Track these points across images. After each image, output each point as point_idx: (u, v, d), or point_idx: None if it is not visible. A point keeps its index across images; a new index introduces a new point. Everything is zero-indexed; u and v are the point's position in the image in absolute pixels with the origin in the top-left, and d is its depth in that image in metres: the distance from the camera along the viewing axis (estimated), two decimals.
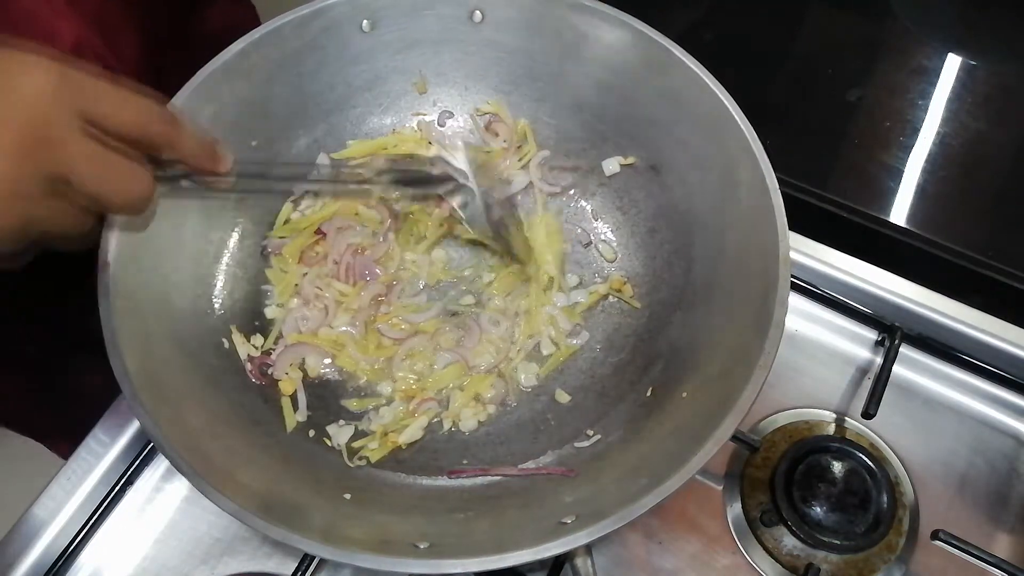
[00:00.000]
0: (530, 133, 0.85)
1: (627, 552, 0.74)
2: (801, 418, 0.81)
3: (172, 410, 0.59)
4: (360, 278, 0.79)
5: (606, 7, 0.74)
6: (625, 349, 0.77)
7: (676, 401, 0.67)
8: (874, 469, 0.74)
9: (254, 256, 0.79)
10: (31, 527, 0.73)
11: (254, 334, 0.75)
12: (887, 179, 0.95)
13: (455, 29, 0.80)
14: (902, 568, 0.74)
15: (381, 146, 0.85)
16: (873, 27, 1.11)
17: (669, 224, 0.78)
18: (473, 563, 0.53)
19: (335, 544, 0.53)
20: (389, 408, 0.74)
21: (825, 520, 0.73)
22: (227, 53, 0.71)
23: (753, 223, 0.66)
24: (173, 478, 0.76)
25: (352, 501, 0.65)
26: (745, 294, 0.66)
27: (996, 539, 0.76)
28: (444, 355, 0.76)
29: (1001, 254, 0.88)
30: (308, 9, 0.74)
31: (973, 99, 1.01)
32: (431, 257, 0.81)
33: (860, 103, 1.02)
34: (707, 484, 0.78)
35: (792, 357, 0.84)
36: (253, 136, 0.77)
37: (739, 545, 0.75)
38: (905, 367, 0.84)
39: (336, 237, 0.80)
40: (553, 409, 0.75)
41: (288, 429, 0.71)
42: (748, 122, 0.68)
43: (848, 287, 0.86)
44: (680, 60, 0.71)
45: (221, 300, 0.75)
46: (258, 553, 0.73)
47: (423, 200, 0.80)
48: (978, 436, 0.81)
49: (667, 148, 0.77)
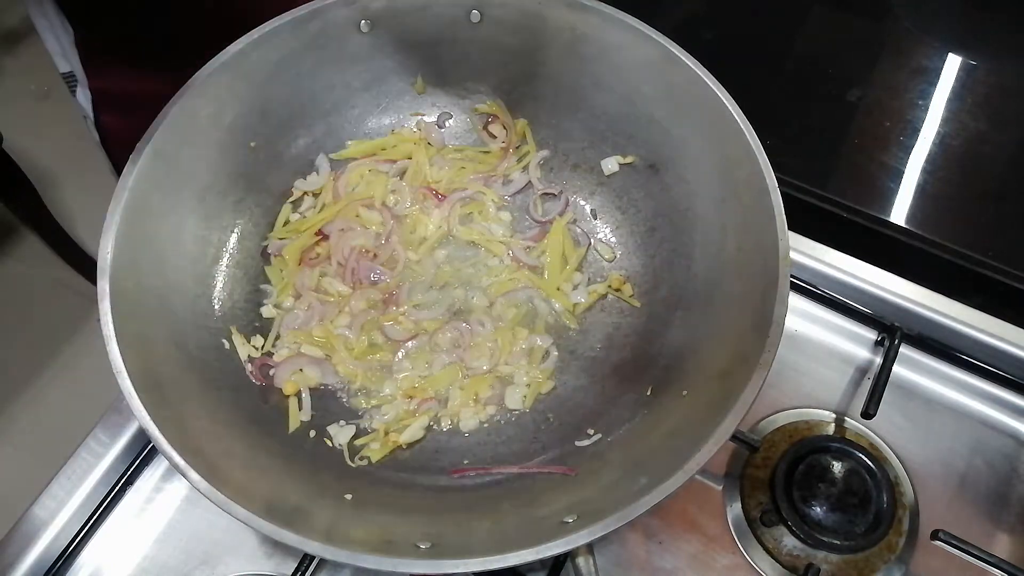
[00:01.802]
0: (529, 133, 0.85)
1: (627, 552, 0.74)
2: (801, 418, 0.81)
3: (172, 411, 0.59)
4: (366, 280, 0.79)
5: (605, 7, 0.74)
6: (625, 348, 0.77)
7: (676, 400, 0.67)
8: (874, 469, 0.74)
9: (254, 257, 0.79)
10: (31, 527, 0.73)
11: (254, 335, 0.75)
12: (887, 179, 0.95)
13: (453, 29, 0.80)
14: (902, 568, 0.74)
15: (380, 146, 0.85)
16: (873, 27, 1.11)
17: (669, 223, 0.78)
18: (475, 563, 0.53)
19: (337, 545, 0.53)
20: (391, 406, 0.74)
21: (825, 520, 0.73)
22: (226, 54, 0.71)
23: (753, 223, 0.66)
24: (173, 478, 0.76)
25: (353, 501, 0.65)
26: (745, 293, 0.66)
27: (996, 539, 0.76)
28: (442, 356, 0.76)
29: (1001, 254, 0.88)
30: (307, 9, 0.74)
31: (973, 99, 1.01)
32: (434, 257, 0.81)
33: (860, 103, 1.02)
34: (707, 484, 0.78)
35: (792, 357, 0.85)
36: (252, 136, 0.77)
37: (739, 545, 0.75)
38: (905, 367, 0.84)
39: (339, 239, 0.80)
40: (553, 408, 0.75)
41: (291, 429, 0.71)
42: (748, 122, 0.68)
43: (848, 287, 0.86)
44: (680, 60, 0.71)
45: (221, 301, 0.75)
46: (258, 553, 0.73)
47: (422, 200, 0.80)
48: (978, 436, 0.81)
49: (666, 147, 0.77)
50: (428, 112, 0.86)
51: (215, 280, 0.76)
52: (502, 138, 0.85)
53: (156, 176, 0.67)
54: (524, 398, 0.75)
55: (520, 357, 0.77)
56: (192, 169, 0.72)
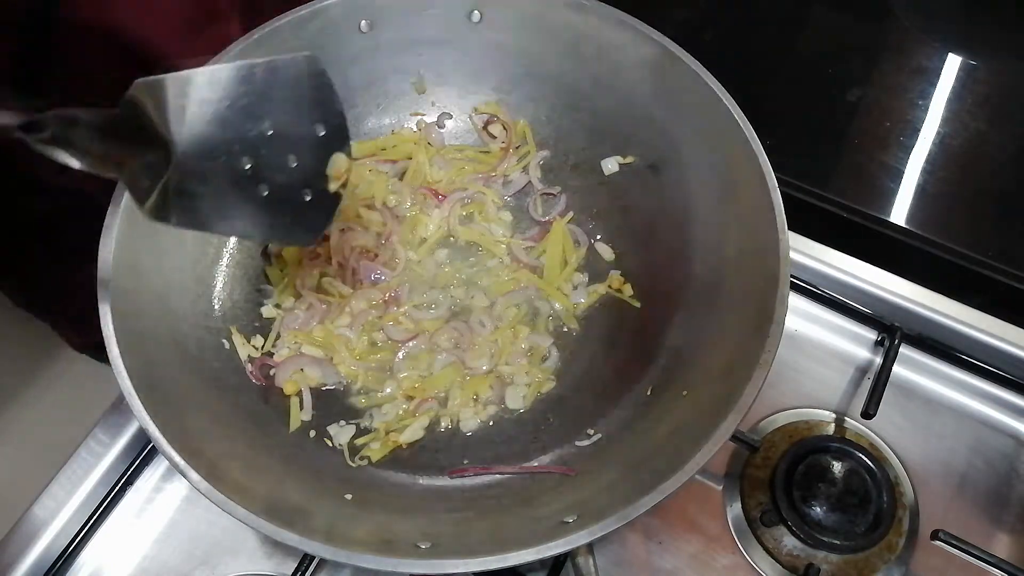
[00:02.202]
0: (529, 133, 0.85)
1: (627, 552, 0.74)
2: (801, 418, 0.81)
3: (172, 411, 0.59)
4: (367, 280, 0.79)
5: (605, 7, 0.74)
6: (625, 348, 0.76)
7: (676, 400, 0.67)
8: (874, 469, 0.74)
9: (254, 257, 0.79)
10: (31, 527, 0.73)
11: (254, 335, 0.75)
12: (887, 179, 0.95)
13: (454, 29, 0.80)
14: (902, 568, 0.74)
15: (380, 146, 0.85)
16: (873, 27, 1.11)
17: (668, 223, 0.78)
18: (475, 563, 0.53)
19: (338, 545, 0.53)
20: (391, 406, 0.74)
21: (825, 520, 0.73)
22: (226, 54, 0.71)
23: (753, 223, 0.66)
24: (173, 478, 0.76)
25: (354, 501, 0.65)
26: (745, 293, 0.66)
27: (996, 539, 0.76)
28: (443, 356, 0.76)
29: (1001, 254, 0.88)
30: (307, 9, 0.74)
31: (973, 99, 1.01)
32: (434, 258, 0.81)
33: (860, 103, 1.02)
34: (707, 484, 0.78)
35: (792, 357, 0.84)
36: None
37: (739, 545, 0.75)
38: (905, 367, 0.84)
39: (339, 239, 0.80)
40: (554, 408, 0.75)
41: (292, 429, 0.71)
42: (748, 122, 0.68)
43: (848, 287, 0.86)
44: (680, 60, 0.71)
45: (221, 301, 0.75)
46: (258, 553, 0.73)
47: (423, 201, 0.80)
48: (978, 436, 0.81)
49: (666, 147, 0.77)
50: (428, 112, 0.86)
51: (215, 280, 0.76)
52: (502, 138, 0.85)
53: None
54: (524, 398, 0.75)
55: (520, 357, 0.77)
56: None
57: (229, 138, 0.56)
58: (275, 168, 0.58)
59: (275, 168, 0.58)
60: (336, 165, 0.60)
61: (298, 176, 0.59)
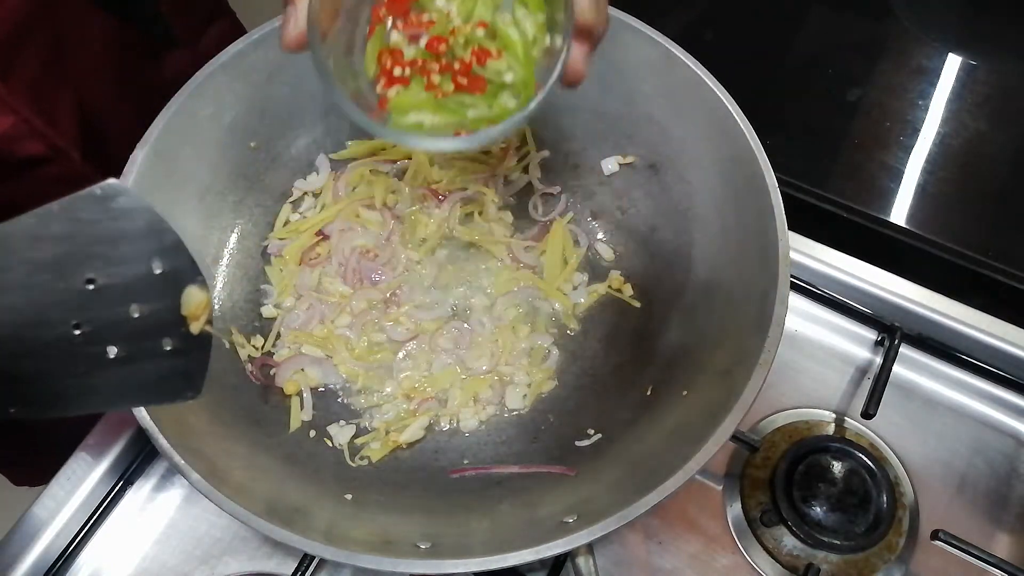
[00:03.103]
0: (529, 133, 0.85)
1: (627, 552, 0.74)
2: (801, 418, 0.81)
3: (172, 411, 0.59)
4: (367, 280, 0.79)
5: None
6: (625, 348, 0.77)
7: (676, 400, 0.67)
8: (874, 469, 0.74)
9: (254, 257, 0.79)
10: (31, 527, 0.73)
11: (254, 335, 0.75)
12: (887, 179, 0.95)
13: None
14: (902, 568, 0.74)
15: (380, 146, 0.85)
16: (873, 27, 1.11)
17: (668, 223, 0.78)
18: (474, 563, 0.53)
19: (337, 545, 0.53)
20: (391, 405, 0.74)
21: (825, 520, 0.73)
22: (226, 54, 0.71)
23: (753, 223, 0.66)
24: (173, 478, 0.76)
25: (353, 501, 0.65)
26: (745, 293, 0.66)
27: (996, 539, 0.76)
28: (443, 356, 0.76)
29: (1001, 254, 0.88)
30: None
31: (973, 99, 1.01)
32: (434, 258, 0.81)
33: (860, 103, 1.02)
34: (707, 484, 0.78)
35: (792, 357, 0.84)
36: (252, 137, 0.77)
37: (739, 545, 0.75)
38: (905, 367, 0.84)
39: (340, 239, 0.80)
40: (554, 408, 0.75)
41: (292, 428, 0.71)
42: (748, 122, 0.68)
43: (848, 287, 0.86)
44: (680, 60, 0.71)
45: (221, 301, 0.75)
46: (258, 553, 0.73)
47: (423, 201, 0.80)
48: (978, 436, 0.81)
49: (666, 147, 0.77)
50: None
51: (215, 280, 0.76)
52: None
53: (156, 176, 0.67)
54: (524, 398, 0.75)
55: (520, 357, 0.77)
56: (192, 169, 0.72)
57: (43, 303, 0.45)
58: (115, 324, 0.47)
59: (115, 324, 0.47)
60: (190, 302, 0.49)
61: (149, 326, 0.48)
